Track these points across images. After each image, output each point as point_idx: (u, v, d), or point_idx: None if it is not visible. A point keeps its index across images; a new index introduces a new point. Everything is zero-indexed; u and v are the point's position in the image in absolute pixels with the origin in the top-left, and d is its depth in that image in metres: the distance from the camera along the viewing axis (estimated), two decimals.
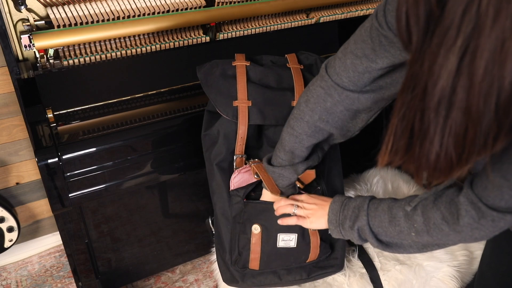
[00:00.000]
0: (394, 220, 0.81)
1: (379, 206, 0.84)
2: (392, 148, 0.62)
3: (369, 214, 0.85)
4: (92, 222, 1.41)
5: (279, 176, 0.98)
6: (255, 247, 1.03)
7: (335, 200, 0.92)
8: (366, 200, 0.87)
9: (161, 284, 1.74)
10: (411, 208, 0.79)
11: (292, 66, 1.15)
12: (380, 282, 1.11)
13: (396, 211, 0.81)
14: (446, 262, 1.15)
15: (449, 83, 0.52)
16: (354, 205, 0.88)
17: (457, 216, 0.72)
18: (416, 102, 0.56)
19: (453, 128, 0.54)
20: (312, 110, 0.91)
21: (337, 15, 1.68)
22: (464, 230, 0.72)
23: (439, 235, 0.76)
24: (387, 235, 0.83)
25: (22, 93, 1.26)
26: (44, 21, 1.27)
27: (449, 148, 0.55)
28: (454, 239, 0.76)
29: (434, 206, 0.76)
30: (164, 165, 1.30)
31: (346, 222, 0.88)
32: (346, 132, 0.94)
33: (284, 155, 0.96)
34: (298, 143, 0.94)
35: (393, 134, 0.61)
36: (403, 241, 0.84)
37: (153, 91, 1.38)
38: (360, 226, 0.85)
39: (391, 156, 0.63)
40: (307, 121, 0.92)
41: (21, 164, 1.70)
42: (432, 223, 0.76)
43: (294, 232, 1.03)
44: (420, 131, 0.57)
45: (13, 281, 1.77)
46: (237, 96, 1.09)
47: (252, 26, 1.54)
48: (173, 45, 1.41)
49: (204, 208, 1.59)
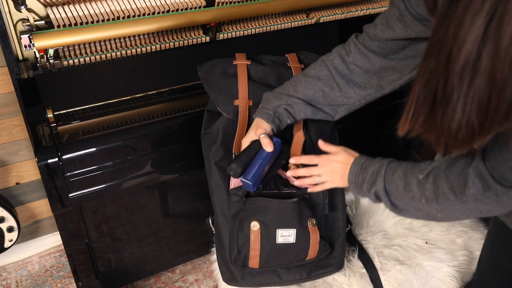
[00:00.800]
0: (408, 186, 0.82)
1: (395, 171, 0.85)
2: (413, 115, 0.61)
3: (386, 179, 0.86)
4: (92, 222, 1.41)
5: (265, 100, 1.01)
6: (254, 244, 1.03)
7: (355, 162, 0.94)
8: (384, 165, 0.88)
9: (161, 284, 1.74)
10: (423, 176, 0.80)
11: (292, 66, 1.15)
12: (380, 282, 1.11)
13: (410, 178, 0.82)
14: (446, 262, 1.15)
15: (474, 48, 0.51)
16: (372, 169, 0.89)
17: (464, 186, 0.73)
18: (440, 69, 0.56)
19: (476, 95, 0.53)
20: (330, 52, 0.98)
21: (337, 15, 1.68)
22: (469, 201, 0.73)
23: (446, 204, 0.77)
24: (400, 200, 0.85)
25: (22, 93, 1.26)
26: (44, 21, 1.27)
27: (471, 115, 0.55)
28: (460, 210, 0.76)
29: (444, 176, 0.77)
30: (164, 165, 1.30)
31: (364, 185, 0.90)
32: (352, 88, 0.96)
33: (286, 85, 1.01)
34: (302, 73, 0.99)
35: (414, 101, 0.61)
36: (414, 207, 0.84)
37: (153, 91, 1.38)
38: (376, 190, 0.88)
39: (411, 124, 0.62)
40: (322, 59, 0.98)
41: (21, 164, 1.70)
42: (441, 192, 0.77)
43: (293, 228, 1.03)
44: (443, 98, 0.56)
45: (13, 281, 1.77)
46: (238, 95, 1.10)
47: (252, 26, 1.54)
48: (173, 45, 1.41)
49: (204, 208, 1.59)
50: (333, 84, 0.97)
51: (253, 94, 1.10)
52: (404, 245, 1.20)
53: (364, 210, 1.33)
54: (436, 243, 1.21)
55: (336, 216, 1.12)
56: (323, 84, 0.98)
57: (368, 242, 1.21)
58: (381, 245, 1.20)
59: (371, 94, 0.96)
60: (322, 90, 0.98)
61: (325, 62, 0.98)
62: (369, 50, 0.92)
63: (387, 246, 1.20)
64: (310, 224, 1.04)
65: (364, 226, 1.27)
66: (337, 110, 1.01)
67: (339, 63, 0.96)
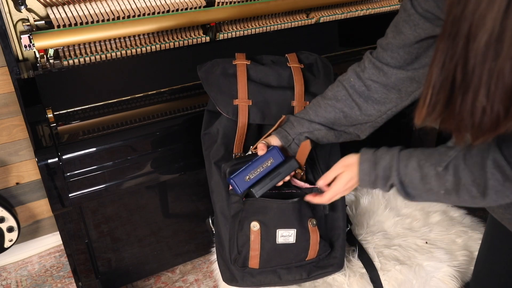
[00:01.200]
0: (425, 178, 0.79)
1: (409, 163, 0.82)
2: (430, 102, 0.58)
3: (400, 173, 0.83)
4: (92, 222, 1.41)
5: (287, 123, 1.01)
6: (254, 244, 1.03)
7: (363, 160, 0.89)
8: (395, 155, 0.85)
9: (161, 284, 1.74)
10: (442, 169, 0.77)
11: (292, 65, 1.15)
12: (380, 282, 1.11)
13: (428, 171, 0.79)
14: (446, 262, 1.15)
15: (496, 26, 0.48)
16: (384, 164, 0.86)
17: (485, 179, 0.70)
18: (458, 50, 0.52)
19: (500, 78, 0.50)
20: (346, 72, 0.96)
21: (337, 15, 1.68)
22: (490, 194, 0.70)
23: (466, 196, 0.74)
24: (416, 189, 0.82)
25: (22, 93, 1.26)
26: (44, 21, 1.27)
27: (495, 100, 0.51)
28: (478, 203, 0.74)
29: (466, 167, 0.73)
30: (164, 165, 1.30)
31: (378, 181, 0.87)
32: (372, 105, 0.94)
33: (307, 109, 1.00)
34: (320, 96, 0.98)
35: (431, 87, 0.57)
36: (429, 196, 0.82)
37: (153, 91, 1.38)
38: (392, 183, 0.85)
39: (429, 111, 0.59)
40: (338, 79, 0.96)
41: (21, 164, 1.70)
42: (463, 184, 0.73)
43: (293, 228, 1.03)
44: (462, 82, 0.53)
45: (13, 281, 1.77)
46: (238, 95, 1.10)
47: (252, 26, 1.54)
48: (173, 45, 1.41)
49: (204, 208, 1.59)
50: (352, 103, 0.95)
51: (252, 94, 1.10)
52: (404, 245, 1.20)
53: (364, 210, 1.32)
54: (436, 243, 1.21)
55: (336, 216, 1.12)
56: (342, 105, 0.95)
57: (368, 242, 1.21)
58: (381, 245, 1.20)
59: (391, 109, 0.94)
60: (343, 111, 0.96)
61: (342, 82, 0.96)
62: (383, 63, 0.90)
63: (387, 246, 1.20)
64: (310, 224, 1.04)
65: (364, 226, 1.27)
66: (361, 128, 0.98)
67: (355, 80, 0.94)
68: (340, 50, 1.66)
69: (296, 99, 1.12)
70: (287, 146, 1.01)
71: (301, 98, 1.12)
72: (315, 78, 1.16)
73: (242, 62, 1.14)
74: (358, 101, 0.94)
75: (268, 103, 1.11)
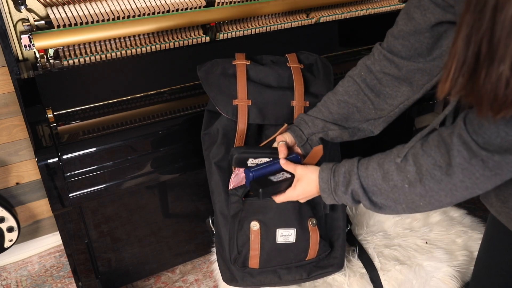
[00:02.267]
0: (387, 175, 0.78)
1: (369, 165, 0.81)
2: (454, 74, 0.57)
3: (361, 176, 0.81)
4: (92, 222, 1.41)
5: (301, 121, 1.00)
6: (254, 244, 1.04)
7: (323, 169, 0.88)
8: (355, 162, 0.84)
9: (161, 284, 1.74)
10: (401, 159, 0.76)
11: (292, 66, 1.15)
12: (380, 282, 1.11)
13: (388, 166, 0.78)
14: (446, 262, 1.15)
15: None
16: (343, 170, 0.84)
17: (449, 157, 0.69)
18: (485, 22, 0.52)
19: None
20: (356, 66, 0.96)
21: (337, 15, 1.68)
22: (455, 172, 0.69)
23: (431, 183, 0.72)
24: (381, 193, 0.80)
25: (22, 93, 1.26)
26: (44, 21, 1.27)
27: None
28: (445, 188, 0.72)
29: (424, 153, 0.73)
30: (164, 165, 1.30)
31: (338, 189, 0.85)
32: (383, 102, 0.93)
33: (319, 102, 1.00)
34: (332, 92, 0.97)
35: (456, 60, 0.57)
36: (394, 200, 0.79)
37: (153, 91, 1.38)
38: (353, 189, 0.82)
39: (452, 84, 0.58)
40: (348, 75, 0.96)
41: (21, 164, 1.70)
42: (425, 170, 0.73)
43: (292, 227, 1.03)
44: (488, 54, 0.53)
45: (13, 281, 1.77)
46: (237, 95, 1.10)
47: (252, 26, 1.54)
48: (173, 45, 1.41)
49: (204, 208, 1.59)
50: (364, 98, 0.94)
51: (252, 94, 1.10)
52: (404, 245, 1.20)
53: (364, 210, 1.33)
54: (436, 243, 1.21)
55: (336, 216, 1.12)
56: (354, 100, 0.95)
57: (368, 242, 1.21)
58: (381, 245, 1.20)
59: (403, 102, 0.93)
60: (356, 106, 0.95)
61: (352, 77, 0.96)
62: (394, 55, 0.89)
63: (387, 246, 1.20)
64: (310, 224, 1.04)
65: (364, 226, 1.27)
66: (375, 124, 0.97)
67: (366, 74, 0.93)
68: (340, 50, 1.66)
69: (296, 99, 1.12)
70: (300, 145, 1.00)
71: (301, 98, 1.12)
72: (315, 78, 1.16)
73: (241, 62, 1.14)
74: (370, 96, 0.94)
75: (268, 103, 1.11)
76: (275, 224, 1.03)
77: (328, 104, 0.98)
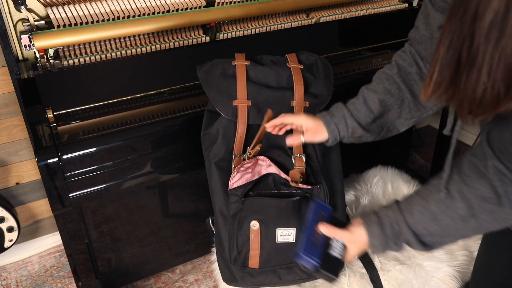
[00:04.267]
0: (436, 217, 0.76)
1: (413, 209, 0.79)
2: (437, 78, 0.60)
3: (409, 223, 0.79)
4: (92, 222, 1.41)
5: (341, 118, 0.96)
6: (254, 244, 1.04)
7: (369, 224, 0.84)
8: (397, 209, 0.81)
9: (161, 284, 1.74)
10: (444, 194, 0.75)
11: (292, 66, 1.15)
12: (380, 282, 1.11)
13: (435, 208, 0.76)
14: (446, 262, 1.15)
15: (501, 6, 0.50)
16: (389, 221, 0.82)
17: (494, 188, 0.68)
18: (465, 28, 0.54)
19: (502, 57, 0.52)
20: (392, 65, 0.95)
21: (337, 15, 1.68)
22: (505, 201, 0.68)
23: (485, 215, 0.71)
24: (432, 235, 0.78)
25: (22, 93, 1.26)
26: (44, 21, 1.27)
27: (497, 79, 0.53)
28: (499, 218, 0.71)
29: (469, 187, 0.71)
30: (164, 165, 1.30)
31: (390, 241, 0.81)
32: (419, 104, 0.93)
33: (357, 99, 0.97)
34: (372, 91, 0.95)
35: (438, 64, 0.59)
36: (448, 235, 0.78)
37: (153, 91, 1.38)
38: (405, 238, 0.80)
39: (435, 88, 0.61)
40: (386, 73, 0.95)
41: (21, 164, 1.70)
42: (476, 204, 0.71)
43: (292, 227, 1.03)
44: (468, 59, 0.55)
45: (13, 281, 1.77)
46: (237, 95, 1.10)
47: (252, 26, 1.54)
48: (173, 45, 1.41)
49: (204, 208, 1.59)
50: (403, 97, 0.94)
51: (252, 95, 1.10)
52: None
53: (364, 210, 1.33)
54: None
55: (336, 216, 1.12)
56: (395, 99, 0.94)
57: None
58: None
59: (437, 104, 0.92)
60: (395, 105, 0.94)
61: (392, 77, 0.95)
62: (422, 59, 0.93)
63: None
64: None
65: None
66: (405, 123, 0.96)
67: (404, 75, 0.94)
68: (340, 50, 1.66)
69: (295, 100, 1.12)
70: (329, 143, 0.98)
71: (301, 99, 1.12)
72: (315, 78, 1.16)
73: (241, 62, 1.14)
74: (408, 97, 0.94)
75: (268, 103, 1.10)
76: (275, 223, 1.03)
77: (369, 103, 0.95)
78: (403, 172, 1.51)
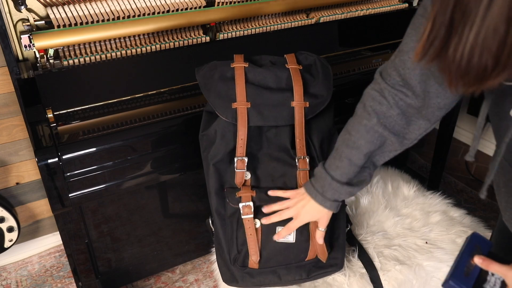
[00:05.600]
0: None
1: None
2: (429, 36, 0.59)
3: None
4: (92, 222, 1.41)
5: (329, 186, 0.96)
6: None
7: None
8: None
9: (161, 284, 1.74)
10: None
11: (290, 67, 1.15)
12: (380, 282, 1.11)
13: None
14: (446, 262, 1.15)
15: None
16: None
17: None
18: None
19: (492, 21, 0.50)
20: (369, 113, 0.89)
21: (337, 15, 1.68)
22: None
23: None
24: None
25: (22, 93, 1.26)
26: (44, 21, 1.27)
27: (485, 45, 0.52)
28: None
29: None
30: (164, 165, 1.30)
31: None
32: (402, 140, 0.91)
33: (340, 162, 0.94)
34: (355, 149, 0.92)
35: (431, 22, 0.58)
36: None
37: (153, 91, 1.38)
38: None
39: (426, 47, 0.59)
40: (365, 124, 0.90)
41: (21, 164, 1.70)
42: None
43: None
44: (460, 21, 0.53)
45: (13, 281, 1.78)
46: (236, 98, 1.09)
47: (252, 26, 1.54)
48: (173, 45, 1.41)
49: (204, 208, 1.59)
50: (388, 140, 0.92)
51: (251, 97, 1.10)
52: (404, 245, 1.20)
53: (364, 210, 1.33)
54: (436, 243, 1.21)
55: (336, 216, 1.11)
56: (379, 145, 0.93)
57: (368, 242, 1.21)
58: (381, 245, 1.20)
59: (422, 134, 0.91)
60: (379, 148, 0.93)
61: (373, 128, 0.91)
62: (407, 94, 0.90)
63: (387, 246, 1.20)
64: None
65: (364, 226, 1.27)
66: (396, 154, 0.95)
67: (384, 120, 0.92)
68: (340, 50, 1.66)
69: (295, 100, 1.12)
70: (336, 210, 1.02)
71: (301, 99, 1.12)
72: (314, 79, 1.16)
73: (240, 65, 1.13)
74: (393, 138, 0.91)
75: (267, 105, 1.10)
76: (275, 223, 1.03)
77: (355, 161, 0.93)
78: (403, 172, 1.51)
